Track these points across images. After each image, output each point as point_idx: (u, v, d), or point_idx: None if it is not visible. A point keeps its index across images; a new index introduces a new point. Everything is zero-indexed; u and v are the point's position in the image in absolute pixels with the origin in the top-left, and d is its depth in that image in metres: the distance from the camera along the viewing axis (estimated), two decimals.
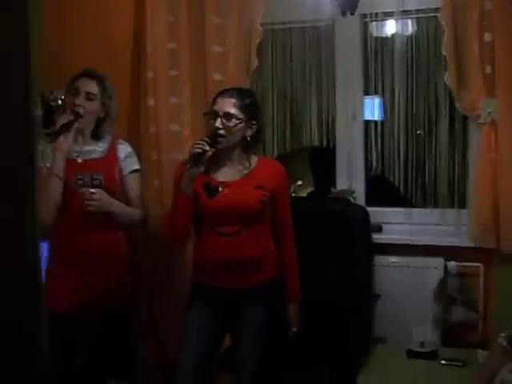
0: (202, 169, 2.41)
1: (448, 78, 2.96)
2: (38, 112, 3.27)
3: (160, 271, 3.37)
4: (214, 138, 2.42)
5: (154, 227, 3.21)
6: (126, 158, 2.78)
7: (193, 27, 3.24)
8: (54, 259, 2.68)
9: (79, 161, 2.68)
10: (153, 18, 3.24)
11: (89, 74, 2.72)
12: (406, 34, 3.21)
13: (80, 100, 2.64)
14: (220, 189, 2.47)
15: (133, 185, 2.79)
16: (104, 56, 3.39)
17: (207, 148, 2.37)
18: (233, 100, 2.45)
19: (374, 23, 3.25)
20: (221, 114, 2.43)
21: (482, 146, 2.94)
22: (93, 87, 2.69)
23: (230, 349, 2.64)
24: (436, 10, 3.01)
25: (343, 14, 2.13)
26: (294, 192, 3.53)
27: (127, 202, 2.76)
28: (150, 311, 3.33)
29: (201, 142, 2.38)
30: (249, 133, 2.49)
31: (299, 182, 3.57)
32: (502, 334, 2.32)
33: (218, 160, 2.51)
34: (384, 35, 3.28)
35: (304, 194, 3.55)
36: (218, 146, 2.43)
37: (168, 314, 3.24)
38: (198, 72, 3.25)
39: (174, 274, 3.25)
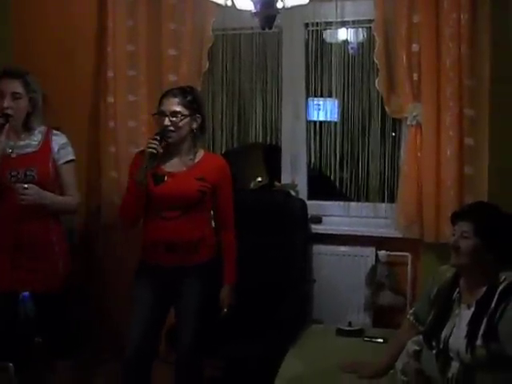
0: (155, 164, 2.72)
1: (379, 83, 3.25)
2: None
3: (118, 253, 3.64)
4: (164, 134, 2.72)
5: (112, 214, 3.49)
6: (59, 149, 2.87)
7: (150, 31, 3.52)
8: None
9: (13, 156, 2.77)
10: (114, 21, 3.53)
11: (11, 74, 2.79)
12: (344, 42, 3.49)
13: (7, 102, 2.73)
14: (165, 178, 2.75)
15: (66, 175, 2.88)
16: (66, 56, 3.67)
17: (160, 150, 2.67)
18: (176, 99, 2.73)
19: (316, 32, 3.52)
20: (167, 113, 2.72)
21: (408, 146, 3.24)
22: (17, 86, 2.76)
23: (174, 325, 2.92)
24: (370, 21, 3.30)
25: (263, 28, 2.41)
26: (254, 187, 3.79)
27: (62, 191, 2.89)
28: (105, 293, 3.61)
29: (154, 142, 2.68)
30: (194, 125, 2.78)
31: (259, 179, 3.84)
32: (410, 311, 2.61)
33: (168, 152, 2.79)
34: (324, 43, 3.55)
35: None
36: (170, 141, 2.73)
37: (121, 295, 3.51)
38: (155, 73, 3.54)
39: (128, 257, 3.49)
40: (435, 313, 2.37)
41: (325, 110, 3.59)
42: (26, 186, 2.68)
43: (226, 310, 2.83)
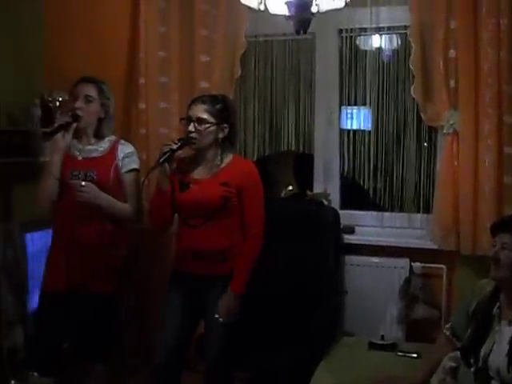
0: (174, 166, 2.69)
1: (414, 90, 3.18)
2: (38, 112, 3.53)
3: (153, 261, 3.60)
4: (186, 139, 2.69)
5: (144, 219, 3.46)
6: (124, 157, 2.91)
7: (183, 38, 3.50)
8: (52, 246, 2.92)
9: (79, 158, 2.87)
10: (146, 28, 3.52)
11: (87, 79, 2.92)
12: (379, 49, 3.44)
13: (79, 103, 2.84)
14: (191, 185, 2.72)
15: (128, 183, 2.92)
16: (100, 62, 3.67)
17: (174, 147, 2.64)
18: (204, 106, 2.69)
19: (351, 39, 3.47)
20: (193, 118, 2.69)
21: (445, 155, 3.16)
22: (90, 90, 2.86)
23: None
24: (406, 27, 3.23)
25: (297, 33, 2.35)
26: (285, 196, 3.73)
27: (125, 199, 2.93)
28: (138, 301, 3.58)
29: (169, 143, 2.67)
30: (220, 135, 2.72)
31: (290, 187, 3.79)
32: (447, 326, 2.52)
33: (195, 160, 2.77)
34: (359, 50, 3.50)
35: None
36: (193, 147, 2.71)
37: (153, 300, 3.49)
38: (186, 79, 3.51)
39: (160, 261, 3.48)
40: (474, 328, 2.27)
41: (358, 118, 3.53)
42: (83, 183, 2.76)
43: (220, 319, 2.68)
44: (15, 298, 3.16)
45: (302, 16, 2.28)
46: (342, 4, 2.41)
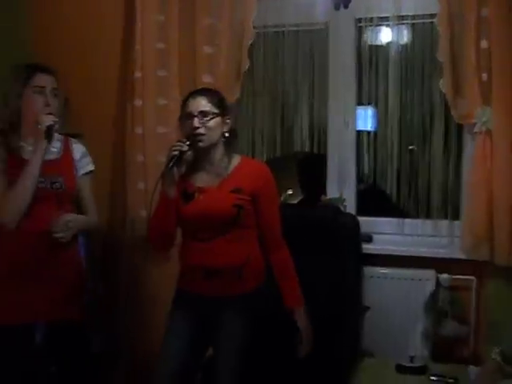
0: (183, 170, 2.38)
1: (443, 85, 2.90)
2: None
3: (144, 278, 3.27)
4: (193, 137, 2.36)
5: (139, 231, 3.15)
6: (81, 158, 2.62)
7: (183, 27, 3.19)
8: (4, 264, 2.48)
9: None
10: (142, 16, 3.20)
11: (45, 69, 2.52)
12: (401, 41, 3.16)
13: (50, 99, 2.48)
14: (196, 195, 2.40)
15: (87, 187, 2.64)
16: (91, 54, 3.37)
17: (185, 148, 2.32)
18: (204, 98, 2.39)
19: (369, 29, 3.19)
20: (196, 113, 2.37)
21: (476, 156, 2.88)
22: (55, 82, 2.51)
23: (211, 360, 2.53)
24: (432, 15, 2.97)
25: (337, 7, 2.04)
26: (285, 201, 3.46)
27: (79, 204, 2.63)
28: (129, 320, 3.24)
29: (178, 143, 2.34)
30: (225, 129, 2.44)
31: (290, 191, 3.50)
32: (496, 350, 2.24)
33: (198, 165, 2.45)
34: (379, 42, 3.23)
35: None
36: (201, 144, 2.37)
37: (151, 324, 3.15)
38: (187, 73, 3.19)
39: (160, 281, 3.14)
40: None
41: (378, 116, 3.23)
42: (69, 218, 2.45)
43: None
44: None
45: None
46: None
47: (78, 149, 2.64)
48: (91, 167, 2.67)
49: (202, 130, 2.35)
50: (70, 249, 2.53)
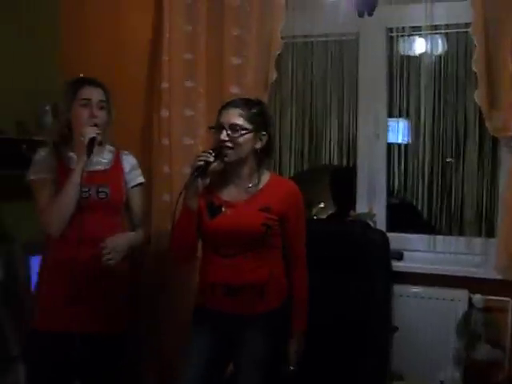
0: (207, 181, 2.30)
1: (478, 96, 2.78)
2: (49, 119, 3.19)
3: (169, 290, 3.21)
4: (219, 150, 2.28)
5: (165, 244, 3.09)
6: (131, 170, 2.65)
7: (211, 37, 3.14)
8: (48, 274, 2.52)
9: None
10: (170, 26, 3.16)
11: (92, 82, 2.58)
12: (434, 51, 3.10)
13: (96, 110, 2.51)
14: (223, 209, 2.32)
15: (138, 200, 2.66)
16: (119, 64, 3.33)
17: (211, 159, 2.25)
18: (239, 110, 2.29)
19: (401, 40, 3.14)
20: (226, 125, 2.29)
21: None
22: (102, 95, 2.55)
23: (232, 378, 2.45)
24: (467, 25, 2.87)
25: (360, 15, 1.95)
26: (316, 215, 3.38)
27: (129, 217, 2.65)
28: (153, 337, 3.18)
29: (204, 154, 2.27)
30: (258, 145, 2.33)
31: (321, 205, 3.43)
32: None
33: (226, 178, 2.37)
34: (411, 53, 3.17)
35: (324, 217, 3.40)
36: (226, 159, 2.30)
37: (172, 340, 3.08)
38: (215, 84, 3.14)
39: (186, 294, 3.08)
40: None
41: (410, 129, 3.14)
42: (102, 244, 2.41)
43: (292, 367, 2.37)
44: (18, 330, 2.78)
45: None
46: None
47: (128, 161, 2.66)
48: (141, 180, 2.68)
49: (229, 144, 2.28)
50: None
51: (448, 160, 3.12)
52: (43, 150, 2.56)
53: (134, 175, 2.66)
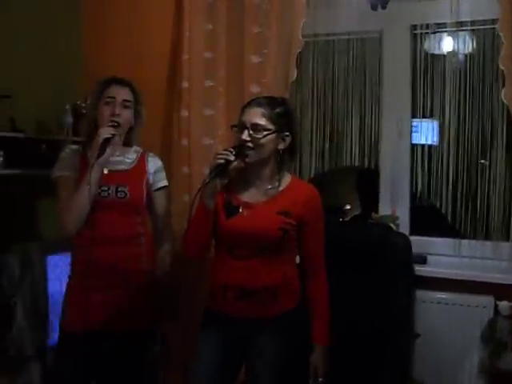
0: (226, 181, 2.24)
1: (506, 95, 2.69)
2: (69, 119, 3.19)
3: (187, 293, 3.19)
4: (240, 150, 2.22)
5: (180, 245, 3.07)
6: (155, 172, 2.63)
7: (231, 36, 3.12)
8: (75, 273, 2.55)
9: (105, 172, 2.50)
10: (190, 25, 3.15)
11: (119, 81, 2.58)
12: (460, 49, 3.00)
13: (118, 109, 2.51)
14: (240, 210, 2.27)
15: (162, 203, 2.66)
16: (139, 64, 3.34)
17: (232, 158, 2.18)
18: (261, 109, 2.22)
19: (426, 37, 3.06)
20: (248, 124, 2.22)
21: None
22: (128, 94, 2.56)
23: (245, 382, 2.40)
24: (494, 21, 2.79)
25: (374, 7, 1.89)
26: (341, 217, 3.31)
27: (153, 220, 2.64)
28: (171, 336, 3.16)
29: (225, 152, 2.20)
30: (281, 146, 2.26)
31: (348, 207, 3.37)
32: None
33: (246, 178, 2.31)
34: (436, 51, 3.08)
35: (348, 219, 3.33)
36: (247, 160, 2.23)
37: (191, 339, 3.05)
38: (235, 83, 3.11)
39: (201, 297, 3.05)
40: None
41: (435, 129, 3.06)
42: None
43: (321, 379, 2.29)
44: (33, 329, 2.78)
45: None
46: None
47: (152, 162, 2.64)
48: (164, 183, 2.66)
49: (250, 145, 2.22)
50: (140, 258, 2.54)
51: (481, 162, 3.02)
52: (69, 148, 2.59)
53: (158, 178, 2.64)
